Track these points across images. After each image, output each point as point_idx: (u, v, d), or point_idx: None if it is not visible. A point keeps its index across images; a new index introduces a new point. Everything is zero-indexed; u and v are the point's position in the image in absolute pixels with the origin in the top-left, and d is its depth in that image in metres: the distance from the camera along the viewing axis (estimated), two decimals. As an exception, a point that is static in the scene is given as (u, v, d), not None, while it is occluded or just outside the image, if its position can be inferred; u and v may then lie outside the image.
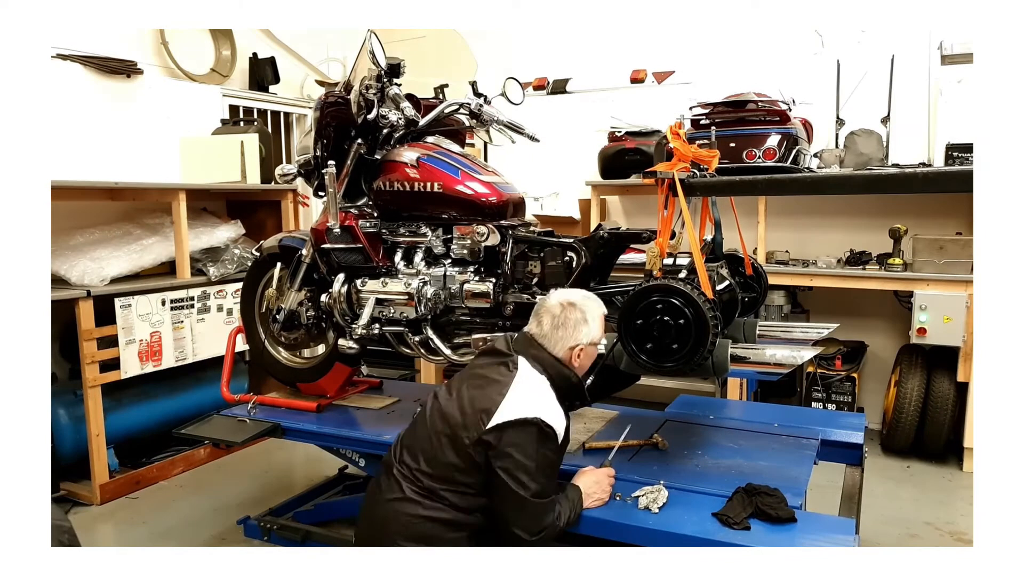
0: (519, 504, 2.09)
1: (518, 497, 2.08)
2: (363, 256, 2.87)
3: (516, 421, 2.10)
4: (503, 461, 2.09)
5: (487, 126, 3.03)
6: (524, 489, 2.07)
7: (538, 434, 2.11)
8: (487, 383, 2.21)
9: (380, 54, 2.73)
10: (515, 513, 2.10)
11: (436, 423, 2.23)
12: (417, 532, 2.16)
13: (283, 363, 3.34)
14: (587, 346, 2.31)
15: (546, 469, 2.14)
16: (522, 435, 2.09)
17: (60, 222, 4.07)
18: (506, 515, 2.12)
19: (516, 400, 2.14)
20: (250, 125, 5.01)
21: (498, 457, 2.09)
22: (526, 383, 2.20)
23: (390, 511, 2.20)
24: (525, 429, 2.10)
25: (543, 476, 2.12)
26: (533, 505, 2.09)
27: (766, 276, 2.93)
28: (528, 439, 2.10)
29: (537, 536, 2.11)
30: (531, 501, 2.08)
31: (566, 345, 2.29)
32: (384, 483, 2.28)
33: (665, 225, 2.42)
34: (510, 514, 2.11)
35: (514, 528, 2.10)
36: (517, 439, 2.09)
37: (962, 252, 4.12)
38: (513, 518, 2.10)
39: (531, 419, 2.10)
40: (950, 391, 4.23)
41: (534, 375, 2.22)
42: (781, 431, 2.91)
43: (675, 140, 2.48)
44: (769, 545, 2.01)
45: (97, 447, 3.91)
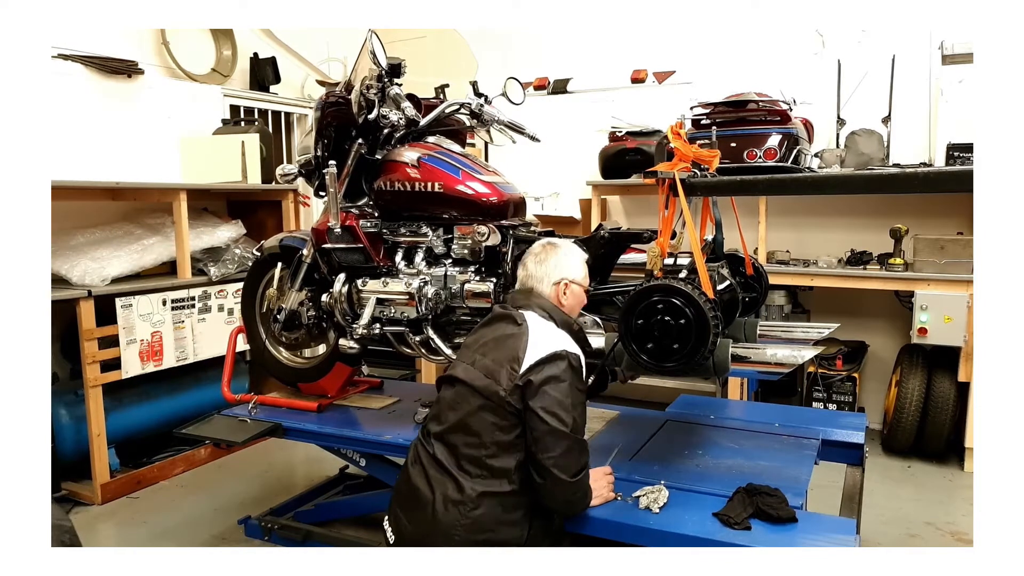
0: (557, 440, 2.07)
1: (557, 433, 2.07)
2: (364, 256, 2.87)
3: (546, 357, 2.12)
4: (540, 400, 2.09)
5: (488, 126, 3.03)
6: (562, 424, 2.07)
7: (568, 367, 2.14)
8: (503, 340, 2.22)
9: (381, 54, 2.73)
10: (554, 452, 2.07)
11: (466, 399, 2.19)
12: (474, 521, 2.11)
13: (284, 363, 3.34)
14: (570, 283, 2.36)
15: (579, 405, 2.17)
16: (554, 369, 2.12)
17: (61, 222, 4.08)
18: (545, 457, 2.08)
19: (539, 341, 2.17)
20: (251, 125, 5.01)
21: (535, 396, 2.09)
22: (540, 327, 2.23)
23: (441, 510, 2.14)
24: (556, 364, 2.12)
25: (577, 411, 2.13)
26: (571, 441, 2.09)
27: (767, 276, 2.93)
28: (560, 373, 2.12)
29: (576, 477, 2.10)
30: (570, 436, 2.08)
31: (551, 281, 2.35)
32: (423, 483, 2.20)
33: (666, 225, 2.42)
34: (550, 454, 2.08)
35: (554, 469, 2.07)
36: (551, 374, 2.11)
37: (963, 252, 4.12)
38: (553, 458, 2.07)
39: (560, 352, 2.14)
40: (951, 391, 4.22)
41: (542, 321, 2.26)
42: (782, 431, 2.91)
43: (676, 140, 2.48)
44: (770, 545, 2.01)
45: (98, 447, 3.91)
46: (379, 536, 3.42)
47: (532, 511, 2.18)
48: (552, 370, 2.11)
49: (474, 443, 2.15)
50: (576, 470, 2.11)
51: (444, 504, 2.13)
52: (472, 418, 2.16)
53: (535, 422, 2.09)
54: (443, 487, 2.15)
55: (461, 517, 2.11)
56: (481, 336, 2.33)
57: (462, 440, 2.17)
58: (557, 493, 2.12)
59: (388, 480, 3.08)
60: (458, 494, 2.13)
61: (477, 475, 2.14)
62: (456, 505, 2.12)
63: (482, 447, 2.14)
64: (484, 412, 2.15)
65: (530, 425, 2.11)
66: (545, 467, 2.08)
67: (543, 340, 2.18)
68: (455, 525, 2.11)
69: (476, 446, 2.15)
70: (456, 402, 2.21)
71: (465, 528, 2.10)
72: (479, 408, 2.15)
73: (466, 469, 2.15)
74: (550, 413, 2.07)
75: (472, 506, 2.11)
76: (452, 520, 2.12)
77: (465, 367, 2.24)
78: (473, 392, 2.17)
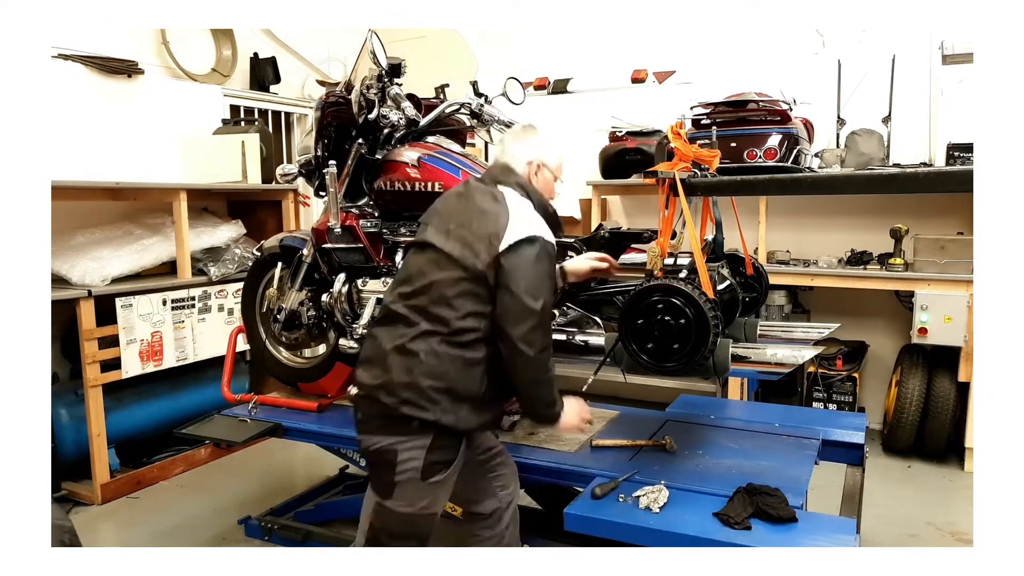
0: (526, 317, 2.11)
1: (527, 311, 2.11)
2: (364, 256, 2.87)
3: (525, 239, 2.15)
4: (513, 278, 2.12)
5: (488, 126, 3.03)
6: (534, 301, 2.11)
7: (541, 251, 2.16)
8: (482, 214, 2.22)
9: (381, 54, 2.73)
10: (523, 328, 2.11)
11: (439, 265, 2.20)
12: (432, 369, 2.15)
13: (284, 363, 3.34)
14: (543, 166, 2.38)
15: (549, 288, 2.20)
16: (530, 251, 2.14)
17: (61, 222, 4.07)
18: (514, 332, 2.12)
19: (518, 221, 2.19)
20: (251, 125, 5.01)
21: (509, 275, 2.13)
22: (519, 206, 2.24)
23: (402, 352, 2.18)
24: (532, 246, 2.15)
25: (547, 293, 2.17)
26: (538, 316, 2.12)
27: (767, 276, 2.93)
28: (534, 255, 2.15)
29: (541, 353, 2.14)
30: (538, 314, 2.12)
31: (524, 159, 2.36)
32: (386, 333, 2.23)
33: (666, 225, 2.42)
34: (518, 329, 2.12)
35: (520, 343, 2.11)
36: (527, 255, 2.14)
37: (963, 252, 4.12)
38: (519, 332, 2.11)
39: (535, 237, 2.16)
40: (951, 391, 4.22)
41: (520, 199, 2.27)
42: (782, 431, 2.90)
43: (676, 140, 2.48)
44: (770, 545, 2.01)
45: (98, 447, 3.91)
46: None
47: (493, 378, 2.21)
48: (528, 252, 2.14)
49: (441, 306, 2.17)
50: (541, 347, 2.14)
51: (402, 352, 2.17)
52: (443, 285, 2.18)
53: (506, 299, 2.12)
54: (404, 338, 2.18)
55: (420, 363, 2.15)
56: (456, 206, 2.31)
57: (428, 301, 2.19)
58: (522, 368, 2.15)
59: (388, 480, 3.07)
60: (420, 343, 2.16)
61: (442, 332, 2.16)
62: (416, 354, 2.15)
63: (450, 309, 2.16)
64: (458, 281, 2.17)
65: (501, 301, 2.14)
66: (513, 341, 2.11)
67: (522, 221, 2.20)
68: (411, 370, 2.14)
69: (443, 308, 2.17)
70: (427, 268, 2.22)
71: (423, 373, 2.14)
72: (452, 277, 2.17)
73: (432, 328, 2.17)
74: (524, 292, 2.11)
75: (433, 357, 2.15)
76: (409, 364, 2.15)
77: (440, 236, 2.23)
78: (448, 260, 2.18)
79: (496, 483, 2.51)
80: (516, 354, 2.13)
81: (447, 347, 2.15)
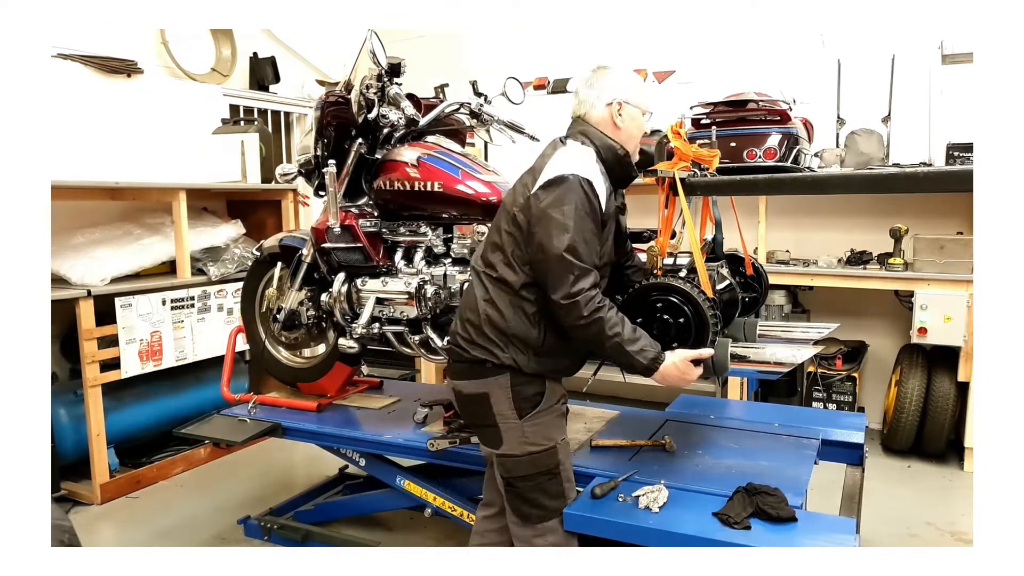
0: (552, 262, 2.05)
1: (554, 257, 2.04)
2: (363, 255, 2.87)
3: (556, 178, 2.08)
4: (542, 222, 2.07)
5: (487, 126, 3.03)
6: (559, 241, 2.03)
7: (576, 189, 2.07)
8: (538, 161, 2.24)
9: (381, 54, 2.73)
10: (550, 274, 2.07)
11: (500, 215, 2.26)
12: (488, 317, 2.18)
13: (283, 363, 3.34)
14: (626, 104, 2.24)
15: (584, 231, 2.07)
16: (560, 191, 2.07)
17: (60, 222, 4.07)
18: (545, 279, 2.09)
19: (558, 162, 2.14)
20: (250, 124, 5.01)
21: (536, 216, 2.09)
22: (571, 151, 2.19)
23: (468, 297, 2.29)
24: (564, 184, 2.07)
25: (579, 235, 2.05)
26: (564, 263, 2.04)
27: (766, 276, 2.93)
28: (566, 194, 2.06)
29: (569, 300, 2.05)
30: (564, 257, 2.03)
31: (603, 102, 2.24)
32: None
33: (666, 224, 2.42)
34: (547, 276, 2.08)
35: (551, 294, 2.07)
36: (557, 195, 2.07)
37: (963, 252, 4.12)
38: (549, 279, 2.07)
39: (569, 174, 2.08)
40: (951, 391, 4.22)
41: (579, 147, 2.21)
42: (782, 431, 2.90)
43: (676, 139, 2.48)
44: (769, 545, 2.01)
45: (97, 447, 3.91)
46: (378, 536, 3.45)
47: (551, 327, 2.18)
48: (556, 192, 2.07)
49: (492, 251, 2.22)
50: (568, 293, 2.04)
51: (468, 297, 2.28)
52: (494, 232, 2.24)
53: (536, 247, 2.09)
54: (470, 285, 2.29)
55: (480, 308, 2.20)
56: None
57: (486, 247, 2.26)
58: (577, 331, 2.10)
59: (388, 480, 3.08)
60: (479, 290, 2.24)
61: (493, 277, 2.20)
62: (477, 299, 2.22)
63: (498, 254, 2.20)
64: (502, 228, 2.20)
65: (533, 253, 2.10)
66: (556, 303, 2.07)
67: (562, 161, 2.13)
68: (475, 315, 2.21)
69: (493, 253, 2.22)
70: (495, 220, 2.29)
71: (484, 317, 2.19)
72: (499, 224, 2.22)
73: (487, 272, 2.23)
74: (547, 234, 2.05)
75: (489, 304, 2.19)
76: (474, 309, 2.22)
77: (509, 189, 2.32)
78: (502, 209, 2.25)
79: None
80: (564, 316, 2.08)
81: (499, 292, 2.19)
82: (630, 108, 2.26)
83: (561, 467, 2.25)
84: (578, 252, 2.05)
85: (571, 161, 2.13)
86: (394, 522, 3.62)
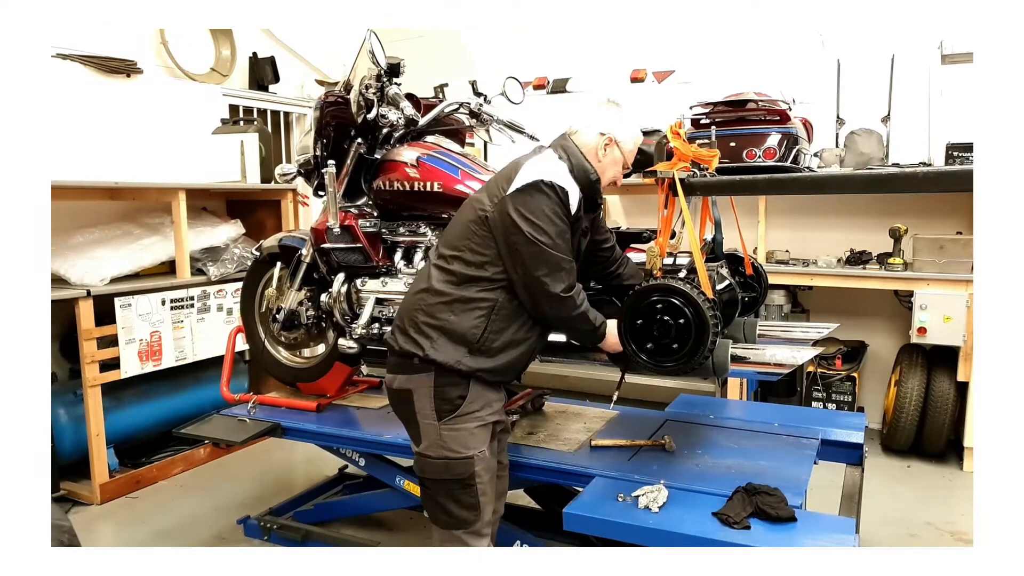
0: (542, 257, 2.12)
1: (541, 252, 2.11)
2: (363, 256, 2.87)
3: (530, 184, 2.14)
4: (516, 221, 2.12)
5: (487, 126, 3.03)
6: (542, 235, 2.11)
7: (549, 192, 2.14)
8: (511, 166, 2.27)
9: (380, 54, 2.73)
10: (541, 268, 2.12)
11: (463, 211, 2.29)
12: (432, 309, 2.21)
13: (283, 363, 3.34)
14: (616, 143, 2.32)
15: (560, 232, 2.16)
16: (534, 195, 2.13)
17: (60, 222, 4.07)
18: (532, 274, 2.13)
19: (534, 168, 2.19)
20: (250, 124, 5.01)
21: (512, 218, 2.13)
22: (546, 159, 2.25)
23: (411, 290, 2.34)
24: (538, 188, 2.14)
25: (562, 234, 2.16)
26: (557, 257, 2.13)
27: (766, 276, 2.93)
28: (539, 199, 2.13)
29: (568, 292, 2.16)
30: (555, 254, 2.13)
31: (596, 130, 2.31)
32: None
33: (665, 224, 2.42)
34: (536, 271, 2.13)
35: (546, 281, 2.13)
36: (529, 199, 2.13)
37: (962, 251, 4.12)
38: (540, 273, 2.13)
39: (542, 180, 2.14)
40: (950, 391, 4.22)
41: (554, 158, 2.26)
42: (781, 431, 2.91)
43: (675, 139, 2.48)
44: (769, 545, 2.01)
45: (97, 447, 3.91)
46: (378, 536, 3.45)
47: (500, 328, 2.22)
48: (533, 193, 2.13)
49: (447, 246, 2.26)
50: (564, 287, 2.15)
51: (411, 290, 2.33)
52: (456, 226, 2.26)
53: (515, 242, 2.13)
54: (419, 281, 2.31)
55: (420, 299, 2.24)
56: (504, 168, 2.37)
57: (442, 243, 2.30)
58: (548, 309, 2.18)
59: (388, 480, 3.08)
60: (423, 281, 2.27)
61: (442, 268, 2.23)
62: (419, 291, 2.27)
63: (452, 248, 2.23)
64: (468, 224, 2.22)
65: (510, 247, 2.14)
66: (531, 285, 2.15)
67: (537, 167, 2.18)
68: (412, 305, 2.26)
69: (448, 247, 2.25)
70: (456, 216, 2.31)
71: (421, 307, 2.22)
72: (464, 219, 2.24)
73: (436, 263, 2.26)
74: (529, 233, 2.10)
75: (432, 293, 2.22)
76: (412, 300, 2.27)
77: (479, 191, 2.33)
78: (467, 205, 2.27)
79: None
80: (539, 297, 2.15)
81: (447, 283, 2.20)
82: (615, 150, 2.34)
83: (477, 479, 2.22)
84: (561, 247, 2.16)
85: (546, 168, 2.19)
86: (394, 522, 3.63)
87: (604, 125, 2.32)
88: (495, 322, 2.20)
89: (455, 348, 2.19)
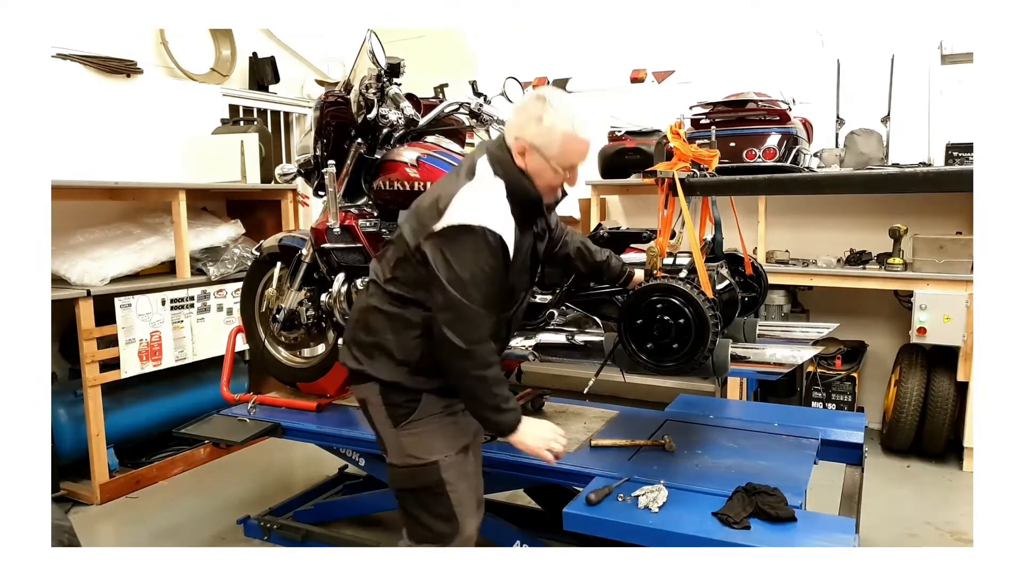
0: (447, 306, 1.96)
1: (447, 300, 1.95)
2: (363, 255, 2.87)
3: (459, 226, 1.95)
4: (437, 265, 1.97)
5: (487, 126, 3.03)
6: (455, 293, 1.94)
7: (480, 242, 1.95)
8: (442, 187, 2.10)
9: (380, 54, 2.73)
10: (445, 314, 1.97)
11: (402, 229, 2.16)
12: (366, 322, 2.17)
13: (283, 363, 3.34)
14: (533, 148, 2.03)
15: (484, 282, 1.97)
16: (462, 241, 1.95)
17: (60, 222, 4.07)
18: (440, 317, 1.98)
19: (464, 204, 1.99)
20: (250, 125, 5.01)
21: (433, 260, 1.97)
22: (479, 186, 2.03)
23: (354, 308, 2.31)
24: (467, 235, 1.95)
25: (483, 286, 1.97)
26: (469, 310, 1.95)
27: (766, 276, 2.93)
28: (465, 245, 1.95)
29: (472, 344, 1.97)
30: (468, 306, 1.94)
31: (512, 134, 2.06)
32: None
33: (665, 225, 2.42)
34: (445, 315, 1.97)
35: (447, 330, 1.96)
36: (455, 244, 1.96)
37: (962, 252, 4.12)
38: (447, 319, 1.97)
39: (473, 226, 1.95)
40: (950, 391, 4.23)
41: (489, 178, 2.04)
42: (781, 431, 2.90)
43: (675, 140, 2.48)
44: (769, 545, 2.01)
45: (97, 447, 3.91)
46: (378, 536, 3.45)
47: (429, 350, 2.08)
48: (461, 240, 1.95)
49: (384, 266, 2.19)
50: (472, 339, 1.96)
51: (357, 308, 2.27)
52: (398, 242, 2.15)
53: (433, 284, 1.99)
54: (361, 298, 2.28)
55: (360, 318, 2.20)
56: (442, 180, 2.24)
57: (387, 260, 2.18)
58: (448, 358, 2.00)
59: (387, 480, 3.08)
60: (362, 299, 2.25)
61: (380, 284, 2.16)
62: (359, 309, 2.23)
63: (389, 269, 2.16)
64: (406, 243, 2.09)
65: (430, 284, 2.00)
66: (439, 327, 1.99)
67: (469, 203, 1.99)
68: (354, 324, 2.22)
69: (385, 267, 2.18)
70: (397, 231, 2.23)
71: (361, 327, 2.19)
72: (405, 234, 2.11)
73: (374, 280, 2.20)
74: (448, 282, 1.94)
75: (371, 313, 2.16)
76: (354, 319, 2.23)
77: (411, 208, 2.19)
78: (404, 223, 2.16)
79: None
80: (442, 342, 1.98)
81: (381, 302, 2.15)
82: (536, 157, 2.05)
83: (448, 487, 2.11)
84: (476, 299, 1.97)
85: (479, 204, 2.00)
86: (394, 522, 3.61)
87: (516, 128, 2.06)
88: (430, 346, 2.07)
89: (396, 368, 2.13)
